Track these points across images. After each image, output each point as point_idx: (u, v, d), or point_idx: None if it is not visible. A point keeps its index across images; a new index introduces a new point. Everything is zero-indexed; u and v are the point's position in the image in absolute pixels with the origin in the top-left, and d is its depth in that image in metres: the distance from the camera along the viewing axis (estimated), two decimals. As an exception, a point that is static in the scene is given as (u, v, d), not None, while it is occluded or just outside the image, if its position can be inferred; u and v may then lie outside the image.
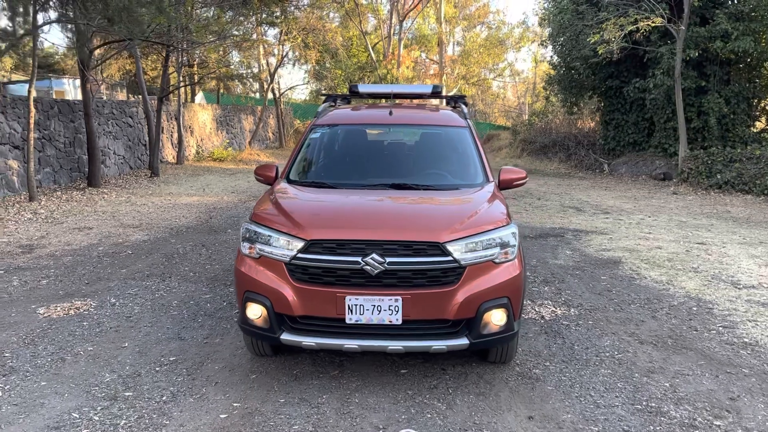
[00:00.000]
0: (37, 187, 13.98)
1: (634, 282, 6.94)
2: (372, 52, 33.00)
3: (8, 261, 7.69)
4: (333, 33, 26.44)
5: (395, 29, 33.52)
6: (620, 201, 13.96)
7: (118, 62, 23.44)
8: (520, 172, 5.09)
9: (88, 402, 3.98)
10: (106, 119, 17.66)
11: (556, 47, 21.40)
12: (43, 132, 14.76)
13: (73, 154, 15.75)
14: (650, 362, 4.71)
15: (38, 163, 14.45)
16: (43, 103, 14.89)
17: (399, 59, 32.63)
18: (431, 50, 39.68)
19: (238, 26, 19.52)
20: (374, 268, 3.82)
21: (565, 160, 22.05)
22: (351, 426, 3.70)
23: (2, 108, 13.41)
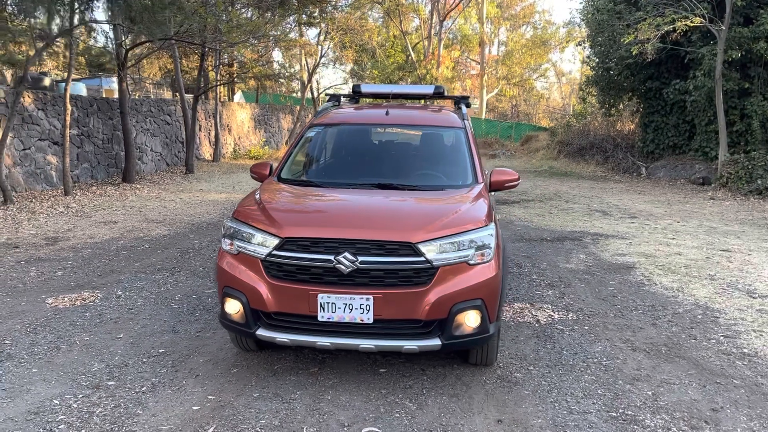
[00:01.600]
0: (75, 182, 14.49)
1: (643, 288, 6.79)
2: (412, 52, 33.01)
3: (31, 252, 8.00)
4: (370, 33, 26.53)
5: (435, 29, 33.43)
6: (652, 205, 13.62)
7: (160, 61, 24.03)
8: (511, 174, 5.04)
9: (71, 390, 4.13)
10: (144, 117, 18.16)
11: (594, 47, 21.01)
12: (82, 129, 15.27)
13: (111, 151, 16.24)
14: (638, 370, 4.61)
15: (76, 158, 14.97)
16: (82, 101, 15.41)
17: (439, 59, 32.54)
18: (472, 50, 39.46)
19: (275, 26, 19.77)
20: (346, 267, 3.86)
21: (602, 162, 21.63)
22: (317, 422, 3.74)
23: (43, 105, 13.94)
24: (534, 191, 15.31)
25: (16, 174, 13.12)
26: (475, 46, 38.79)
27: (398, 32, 33.60)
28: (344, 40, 25.98)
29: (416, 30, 36.59)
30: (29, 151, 13.51)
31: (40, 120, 13.87)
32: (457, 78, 36.69)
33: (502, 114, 51.13)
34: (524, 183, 17.14)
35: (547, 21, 46.74)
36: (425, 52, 33.88)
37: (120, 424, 3.68)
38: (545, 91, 54.57)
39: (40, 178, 13.77)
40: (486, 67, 37.34)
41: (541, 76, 42.02)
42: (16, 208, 11.04)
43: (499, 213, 11.75)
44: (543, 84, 52.15)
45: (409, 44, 33.30)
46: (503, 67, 38.57)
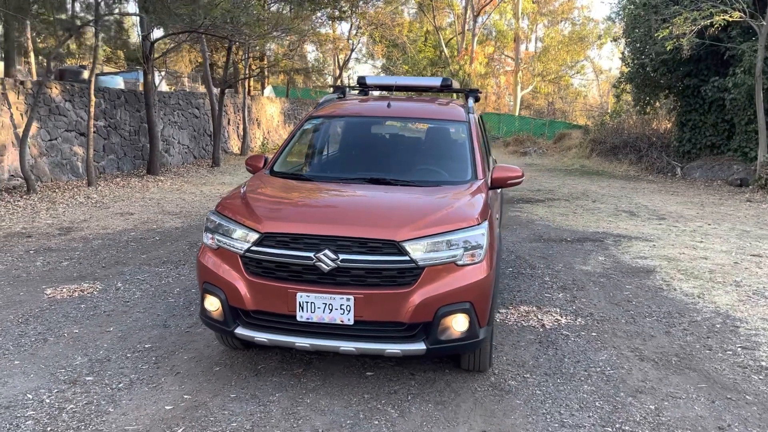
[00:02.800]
0: (101, 173, 14.64)
1: (661, 293, 6.45)
2: (445, 48, 32.64)
3: (42, 242, 8.01)
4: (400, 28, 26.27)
5: (469, 25, 33.00)
6: (683, 207, 13.11)
7: (191, 55, 24.19)
8: (514, 171, 4.78)
9: (48, 384, 4.03)
10: (172, 109, 18.26)
11: (629, 43, 20.39)
12: (110, 120, 15.40)
13: (138, 143, 16.36)
14: (642, 381, 4.33)
15: (103, 150, 15.11)
16: (110, 93, 15.54)
17: (472, 55, 32.11)
18: (507, 46, 38.86)
19: (304, 21, 19.68)
20: (326, 265, 3.67)
21: (635, 162, 21.01)
22: (291, 427, 3.57)
23: (70, 97, 14.09)
24: (561, 190, 14.91)
25: (42, 164, 13.28)
26: (510, 42, 38.20)
27: (432, 27, 33.24)
28: (375, 35, 25.77)
29: (450, 25, 36.16)
30: (56, 141, 13.66)
31: (67, 111, 14.02)
32: (490, 74, 36.16)
33: (538, 111, 50.35)
34: (552, 182, 16.74)
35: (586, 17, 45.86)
36: (458, 47, 33.46)
37: (87, 423, 3.56)
38: (583, 88, 53.57)
39: (66, 168, 13.92)
40: (521, 63, 36.71)
41: (577, 73, 41.12)
42: (37, 198, 11.14)
43: (521, 212, 11.43)
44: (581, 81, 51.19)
45: (442, 40, 32.93)
46: (538, 64, 37.88)
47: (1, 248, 7.61)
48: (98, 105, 14.92)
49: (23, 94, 12.74)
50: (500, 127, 34.12)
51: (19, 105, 12.62)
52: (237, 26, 12.54)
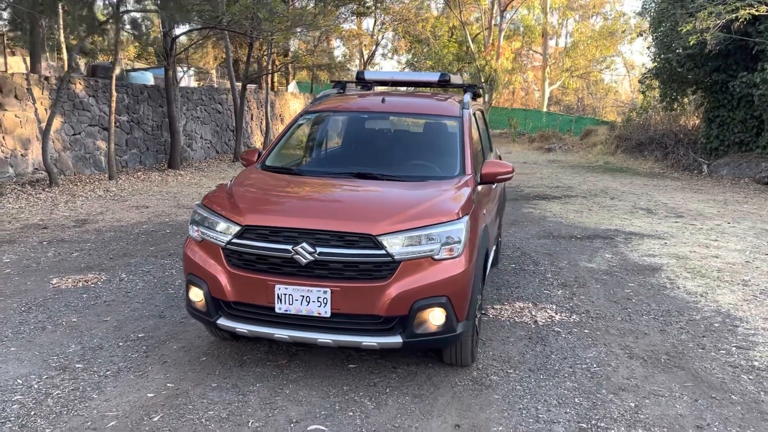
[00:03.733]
0: (123, 167, 14.94)
1: (663, 292, 6.36)
2: (471, 43, 32.45)
3: (57, 233, 8.23)
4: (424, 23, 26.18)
5: (496, 20, 32.76)
6: (705, 204, 12.87)
7: (215, 51, 24.48)
8: (504, 166, 4.77)
9: (39, 370, 4.16)
10: (194, 105, 18.52)
11: (655, 37, 20.03)
12: (132, 115, 15.69)
13: (160, 137, 16.64)
14: (627, 379, 4.29)
15: (125, 144, 15.41)
16: (133, 88, 15.83)
17: (498, 50, 31.87)
18: (534, 41, 38.46)
19: (326, 16, 19.76)
20: (304, 258, 3.72)
21: (661, 159, 20.65)
22: (266, 417, 3.63)
23: (94, 92, 14.39)
24: (580, 187, 14.75)
25: (66, 158, 13.61)
26: (538, 38, 37.79)
27: (458, 23, 33.07)
28: (398, 30, 25.75)
29: (477, 20, 35.93)
30: (79, 136, 13.98)
31: (91, 106, 14.33)
32: (517, 70, 35.85)
33: (568, 107, 49.78)
34: (573, 178, 16.57)
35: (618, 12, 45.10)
36: (485, 43, 33.24)
37: (70, 408, 3.67)
38: (614, 84, 52.76)
39: (89, 162, 14.24)
40: (548, 58, 36.32)
41: (606, 69, 40.50)
42: (58, 191, 11.43)
43: (535, 208, 11.36)
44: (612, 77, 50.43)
45: (468, 35, 32.73)
46: (567, 59, 37.43)
47: (17, 239, 7.84)
48: (121, 100, 15.22)
49: (47, 89, 13.06)
50: (526, 122, 33.85)
51: (44, 100, 12.94)
52: (256, 22, 12.66)
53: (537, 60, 41.16)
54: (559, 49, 41.75)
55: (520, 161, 21.11)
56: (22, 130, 12.48)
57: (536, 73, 40.95)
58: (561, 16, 42.45)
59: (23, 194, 10.93)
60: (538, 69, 39.26)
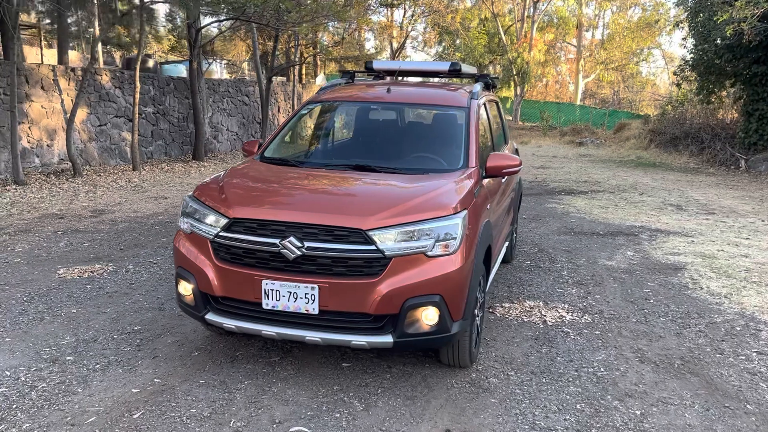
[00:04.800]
0: (148, 158, 15.03)
1: (685, 292, 6.07)
2: (503, 35, 31.95)
3: (72, 223, 8.26)
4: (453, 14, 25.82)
5: (529, 11, 32.16)
6: (739, 201, 12.38)
7: (245, 43, 24.52)
8: (511, 159, 4.55)
9: (29, 362, 4.11)
10: (221, 97, 18.56)
11: (692, 27, 19.37)
12: (158, 107, 15.77)
13: (186, 129, 16.71)
14: (635, 384, 4.06)
15: (151, 135, 15.50)
16: (159, 80, 15.90)
17: (531, 42, 31.31)
18: (568, 33, 37.67)
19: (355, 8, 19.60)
20: (291, 252, 3.58)
21: (696, 153, 19.99)
22: (249, 416, 3.51)
23: (120, 84, 14.49)
24: (609, 182, 14.34)
25: (92, 149, 13.74)
26: (572, 29, 37.01)
27: (490, 14, 32.58)
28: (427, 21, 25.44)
29: (510, 12, 35.34)
30: (105, 127, 14.09)
31: (117, 98, 14.43)
32: (551, 62, 35.17)
33: (603, 100, 48.80)
34: (602, 173, 16.14)
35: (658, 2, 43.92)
36: (517, 34, 32.67)
37: (53, 402, 3.60)
38: (652, 77, 51.54)
39: (114, 153, 14.36)
40: (583, 51, 35.56)
41: (642, 61, 39.46)
42: (81, 181, 11.53)
43: (559, 203, 11.05)
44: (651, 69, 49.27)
45: (500, 27, 32.22)
46: (602, 51, 36.61)
47: (33, 228, 7.89)
48: (147, 92, 15.30)
49: (74, 80, 13.18)
50: (559, 116, 33.22)
51: (70, 91, 13.07)
52: (278, 14, 12.57)
53: (571, 52, 40.34)
54: (595, 41, 40.85)
55: (549, 155, 20.69)
56: (48, 120, 12.62)
57: (570, 66, 40.15)
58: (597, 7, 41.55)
59: (46, 184, 11.04)
60: (572, 61, 38.45)
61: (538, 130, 28.63)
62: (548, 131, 27.28)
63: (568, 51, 40.75)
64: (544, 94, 44.30)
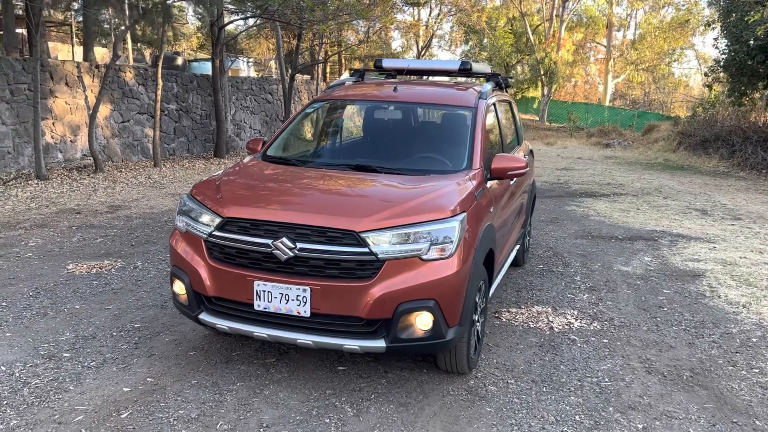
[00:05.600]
0: (170, 155, 15.15)
1: (701, 300, 5.88)
2: (531, 35, 31.59)
3: (88, 219, 8.33)
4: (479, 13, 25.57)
5: (558, 10, 31.74)
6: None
7: (268, 42, 24.61)
8: (517, 161, 4.42)
9: (26, 357, 4.12)
10: (244, 94, 18.64)
11: (724, 28, 18.91)
12: (181, 104, 15.89)
13: (208, 126, 16.81)
14: (640, 396, 3.92)
15: (173, 132, 15.62)
16: (182, 78, 16.02)
17: (559, 42, 30.90)
18: (598, 33, 37.09)
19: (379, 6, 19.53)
20: (284, 253, 3.52)
21: (726, 157, 19.50)
22: (236, 419, 3.46)
23: (143, 81, 14.62)
24: (633, 185, 14.04)
25: (114, 145, 13.88)
26: (602, 29, 36.43)
27: (518, 13, 32.25)
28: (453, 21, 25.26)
29: (538, 12, 34.92)
30: (128, 123, 14.24)
31: (140, 95, 14.57)
32: (579, 62, 34.65)
33: (634, 101, 48.02)
34: (627, 175, 15.82)
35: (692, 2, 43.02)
36: (545, 34, 32.27)
37: (43, 399, 3.59)
38: (685, 78, 50.55)
39: (137, 149, 14.50)
40: (612, 51, 34.99)
41: (674, 62, 38.68)
42: (102, 177, 11.64)
43: (579, 206, 10.83)
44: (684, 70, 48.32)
45: (528, 26, 31.86)
46: (633, 52, 35.99)
47: (49, 223, 7.97)
48: (170, 89, 15.42)
49: (98, 77, 13.33)
50: (587, 117, 32.76)
51: (94, 88, 13.22)
52: (299, 11, 12.56)
53: (601, 52, 39.73)
54: (626, 41, 40.17)
55: (574, 156, 20.39)
56: (71, 116, 12.78)
57: (600, 66, 39.54)
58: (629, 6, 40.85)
59: (68, 179, 11.18)
60: (601, 62, 37.86)
61: (565, 131, 28.27)
62: (575, 132, 26.91)
63: (598, 51, 40.13)
64: (572, 94, 43.74)
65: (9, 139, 11.33)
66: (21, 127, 11.52)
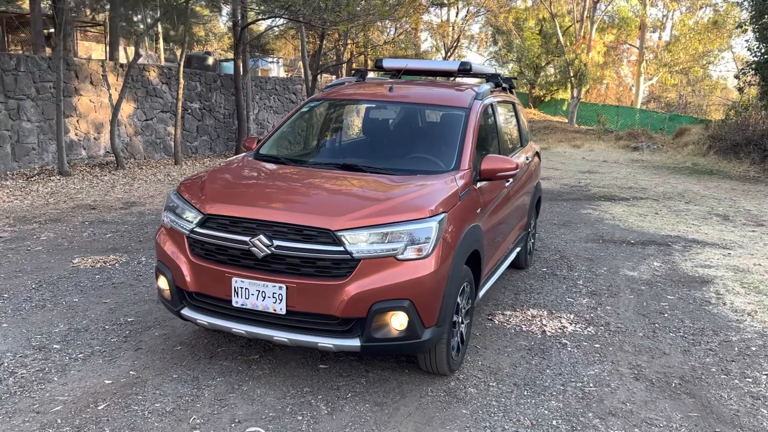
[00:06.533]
0: (193, 153, 15.36)
1: (705, 307, 5.75)
2: (561, 37, 31.25)
3: (102, 214, 8.49)
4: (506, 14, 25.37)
5: (589, 11, 31.33)
6: (794, 213, 11.69)
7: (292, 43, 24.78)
8: (507, 162, 4.38)
9: (17, 348, 4.22)
10: (268, 94, 18.81)
11: (756, 30, 18.46)
12: (204, 103, 16.10)
13: (231, 125, 17.00)
14: (623, 402, 3.85)
15: (196, 131, 15.84)
16: (206, 77, 16.23)
17: (589, 44, 30.50)
18: (630, 34, 36.49)
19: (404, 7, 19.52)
20: (260, 251, 3.55)
21: (758, 162, 19.01)
22: (210, 414, 3.49)
23: (167, 80, 14.86)
24: (656, 189, 13.78)
25: (137, 142, 14.13)
26: (634, 30, 35.82)
27: (547, 14, 31.92)
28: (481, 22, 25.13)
29: (569, 13, 34.50)
30: (151, 122, 14.48)
31: (164, 93, 14.81)
32: (610, 64, 34.15)
33: (668, 104, 47.14)
34: (651, 179, 15.55)
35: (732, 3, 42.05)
36: (576, 35, 31.88)
37: (27, 389, 3.68)
38: (722, 80, 49.42)
39: (159, 147, 14.73)
40: (645, 52, 34.39)
41: (709, 64, 37.82)
42: (122, 174, 11.87)
43: (595, 210, 10.68)
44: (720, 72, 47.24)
45: (558, 27, 31.51)
46: (667, 54, 35.34)
47: (63, 218, 8.15)
48: (194, 88, 15.64)
49: (122, 76, 13.58)
50: (617, 119, 32.26)
51: (118, 86, 13.48)
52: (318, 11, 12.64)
53: (634, 54, 39.11)
54: (661, 43, 39.46)
55: (599, 159, 20.10)
56: (95, 114, 13.05)
57: (633, 68, 38.90)
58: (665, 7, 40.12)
59: (89, 175, 11.42)
60: (634, 63, 37.25)
61: (593, 133, 27.88)
62: (603, 135, 26.51)
63: (631, 53, 39.50)
64: (604, 96, 43.12)
65: (34, 135, 11.62)
66: (46, 124, 11.80)
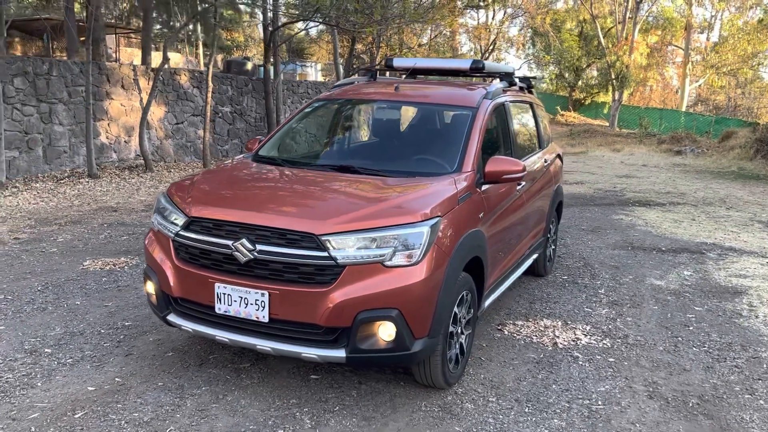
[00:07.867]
0: (223, 156, 15.41)
1: (735, 320, 5.37)
2: (602, 38, 30.54)
3: (122, 217, 8.51)
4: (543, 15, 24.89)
5: (631, 12, 30.54)
6: (844, 220, 11.04)
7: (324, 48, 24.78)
8: (513, 164, 4.13)
9: (8, 352, 4.16)
10: (300, 98, 18.80)
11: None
12: (235, 107, 16.16)
13: (262, 129, 17.03)
14: (632, 423, 3.56)
15: (227, 134, 15.91)
16: (237, 81, 16.30)
17: (632, 45, 29.71)
18: (675, 35, 35.43)
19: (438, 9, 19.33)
20: (243, 255, 3.39)
21: (809, 166, 18.19)
22: (188, 425, 3.34)
23: (198, 84, 14.96)
24: (696, 194, 13.22)
25: (168, 146, 14.25)
26: (679, 31, 34.76)
27: (588, 16, 31.24)
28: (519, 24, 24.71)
29: (610, 14, 33.69)
30: (181, 125, 14.59)
31: (194, 97, 14.91)
32: (654, 66, 33.21)
33: (717, 107, 45.69)
34: (692, 184, 14.95)
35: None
36: (617, 37, 31.10)
37: (8, 394, 3.60)
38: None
39: (189, 150, 14.83)
40: (691, 54, 33.37)
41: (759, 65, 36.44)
42: (150, 177, 11.95)
43: (627, 215, 10.26)
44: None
45: (599, 29, 30.80)
46: (714, 55, 34.21)
47: (84, 219, 8.19)
48: (225, 92, 15.72)
49: (153, 80, 13.71)
50: (660, 123, 31.32)
51: (149, 90, 13.60)
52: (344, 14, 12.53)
53: (679, 55, 37.99)
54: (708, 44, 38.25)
55: (639, 164, 19.49)
56: (126, 118, 13.20)
57: (678, 70, 37.80)
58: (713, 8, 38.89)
59: (117, 178, 11.52)
60: (679, 65, 36.20)
61: (634, 137, 27.12)
62: (645, 138, 25.74)
63: (676, 54, 38.38)
64: (648, 99, 42.00)
65: (65, 138, 11.78)
66: (77, 127, 11.96)
